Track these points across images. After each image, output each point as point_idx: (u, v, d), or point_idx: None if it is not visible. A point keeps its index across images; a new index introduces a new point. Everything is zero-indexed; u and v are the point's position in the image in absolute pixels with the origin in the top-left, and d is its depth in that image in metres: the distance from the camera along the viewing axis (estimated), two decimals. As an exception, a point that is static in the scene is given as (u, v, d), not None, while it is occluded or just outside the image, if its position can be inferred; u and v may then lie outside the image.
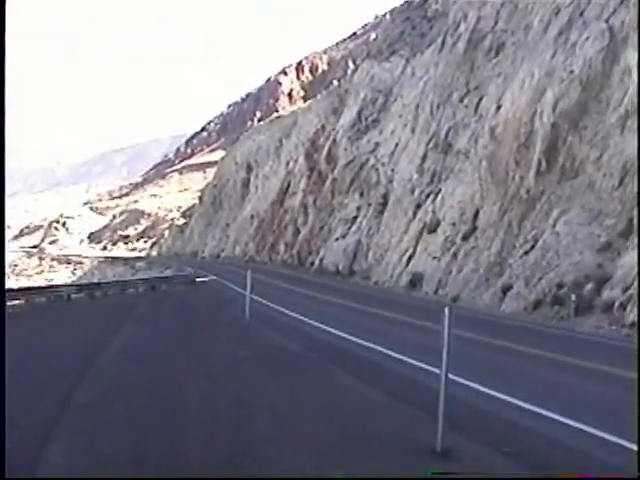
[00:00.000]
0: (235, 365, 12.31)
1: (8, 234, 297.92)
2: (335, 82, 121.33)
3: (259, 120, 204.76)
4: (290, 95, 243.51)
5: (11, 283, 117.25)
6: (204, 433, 7.37)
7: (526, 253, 27.11)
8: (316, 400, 9.32)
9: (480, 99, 39.07)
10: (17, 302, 28.76)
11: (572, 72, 28.82)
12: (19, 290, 39.29)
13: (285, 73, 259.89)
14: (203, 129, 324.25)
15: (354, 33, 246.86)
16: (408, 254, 38.76)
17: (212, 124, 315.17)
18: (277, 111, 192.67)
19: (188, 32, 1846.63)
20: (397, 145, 50.95)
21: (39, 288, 43.17)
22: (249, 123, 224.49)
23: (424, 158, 43.77)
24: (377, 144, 55.79)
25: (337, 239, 52.73)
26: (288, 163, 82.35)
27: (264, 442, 7.06)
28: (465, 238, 32.81)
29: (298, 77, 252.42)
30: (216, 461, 6.35)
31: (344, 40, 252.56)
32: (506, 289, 26.55)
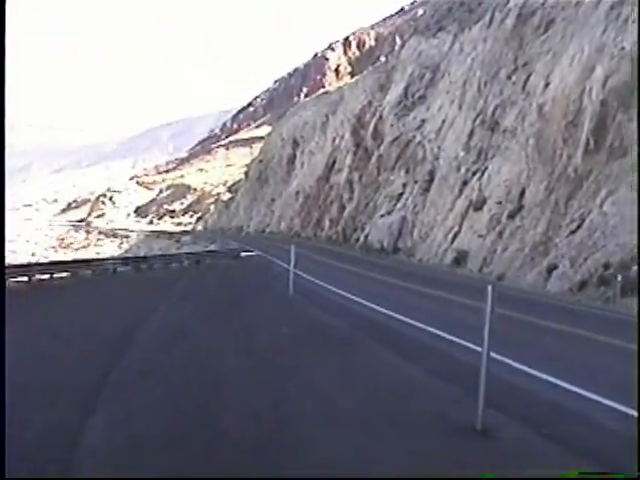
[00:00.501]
0: (277, 341, 12.35)
1: (55, 208, 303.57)
2: (382, 58, 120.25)
3: (305, 96, 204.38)
4: (337, 71, 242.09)
5: (58, 256, 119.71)
6: (243, 409, 7.45)
7: (572, 233, 26.73)
8: (357, 377, 9.36)
9: (528, 76, 38.38)
10: (64, 274, 29.79)
11: (623, 49, 28.09)
12: (65, 263, 40.37)
13: (332, 49, 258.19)
14: (249, 104, 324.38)
15: (402, 9, 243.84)
16: (453, 232, 38.52)
17: (258, 99, 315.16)
18: (324, 87, 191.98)
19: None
20: (444, 122, 50.40)
21: (85, 261, 44.12)
22: (295, 99, 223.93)
23: (471, 135, 43.26)
24: (423, 121, 55.25)
25: (382, 216, 52.57)
26: (334, 139, 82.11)
27: (303, 419, 7.10)
28: (511, 217, 32.46)
29: (345, 53, 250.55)
30: (253, 437, 6.39)
31: (392, 16, 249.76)
32: (551, 269, 26.25)
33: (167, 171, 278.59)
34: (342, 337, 12.96)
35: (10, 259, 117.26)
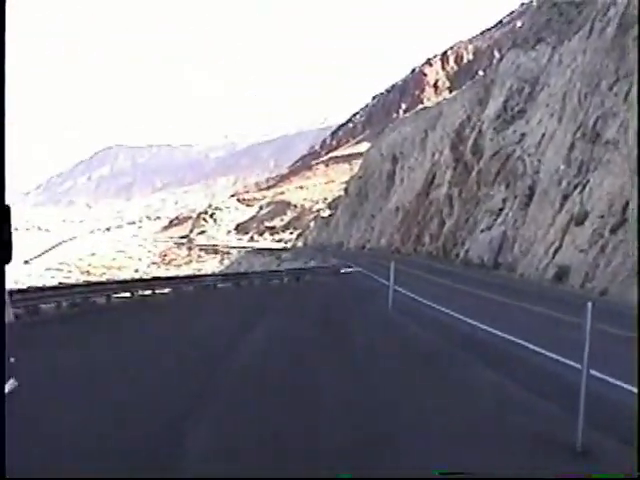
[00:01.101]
0: (374, 356, 12.52)
1: (158, 225, 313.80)
2: (480, 72, 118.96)
3: (404, 111, 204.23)
4: (435, 86, 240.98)
5: (160, 272, 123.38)
6: (340, 421, 7.73)
7: (679, 246, 25.92)
8: (455, 394, 9.48)
9: (630, 87, 37.42)
10: (165, 291, 30.72)
11: None
12: (167, 279, 41.75)
13: (430, 64, 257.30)
14: (349, 121, 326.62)
15: (500, 21, 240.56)
16: (554, 247, 37.85)
17: (357, 116, 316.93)
18: (422, 102, 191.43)
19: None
20: (544, 135, 49.60)
21: (187, 277, 45.54)
22: (394, 115, 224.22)
23: (571, 148, 42.42)
24: (523, 134, 54.51)
25: (482, 231, 52.10)
26: (433, 154, 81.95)
27: (400, 433, 7.30)
28: (613, 231, 31.67)
29: (443, 68, 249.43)
30: (350, 448, 6.63)
31: (489, 29, 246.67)
32: (657, 283, 25.52)
33: (267, 188, 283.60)
34: (440, 353, 13.12)
35: (112, 275, 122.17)
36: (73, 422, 7.50)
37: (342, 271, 45.51)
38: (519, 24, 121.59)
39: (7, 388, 4.68)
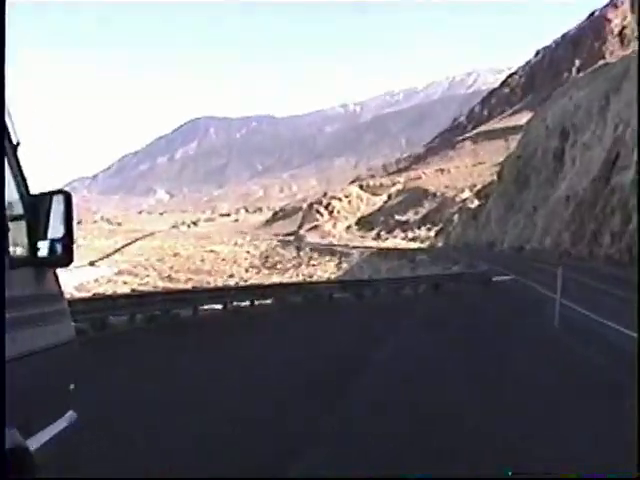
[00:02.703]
0: (532, 393, 12.40)
1: (258, 218, 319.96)
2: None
3: (578, 70, 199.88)
4: (621, 35, 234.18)
5: (261, 278, 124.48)
6: (477, 451, 8.28)
7: None
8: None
9: None
10: (267, 302, 31.33)
11: None
12: (268, 287, 42.22)
13: (615, 5, 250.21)
14: (504, 84, 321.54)
15: None
16: None
17: (515, 77, 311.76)
18: (603, 57, 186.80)
19: None
20: None
21: (294, 285, 46.04)
22: (564, 75, 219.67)
23: None
24: None
25: (682, 229, 50.22)
26: (617, 127, 79.54)
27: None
28: None
29: (632, 10, 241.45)
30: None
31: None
32: None
33: (398, 171, 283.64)
34: (618, 392, 12.47)
35: (200, 281, 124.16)
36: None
37: (494, 279, 45.50)
38: None
39: (64, 422, 4.81)
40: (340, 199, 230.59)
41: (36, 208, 4.43)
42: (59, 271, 4.86)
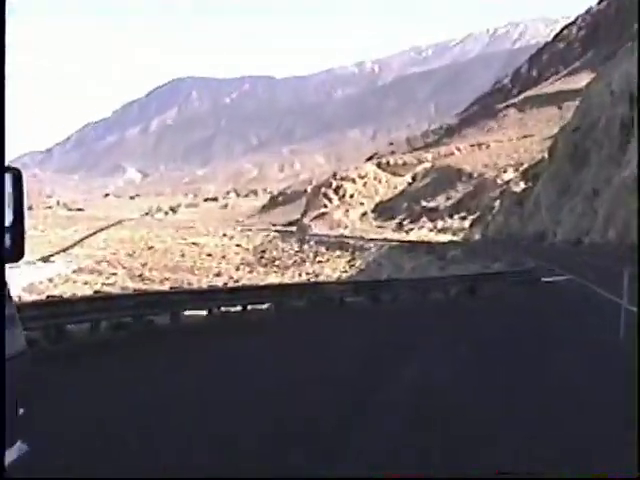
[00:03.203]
0: (587, 418, 11.71)
1: (252, 203, 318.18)
2: None
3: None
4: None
5: (256, 278, 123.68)
6: None
7: None
8: None
9: None
10: (262, 306, 30.62)
11: None
12: (263, 288, 42.25)
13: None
14: (557, 37, 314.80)
15: None
16: None
17: (572, 29, 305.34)
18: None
19: None
20: None
21: (296, 286, 46.39)
22: (634, 26, 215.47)
23: None
24: None
25: None
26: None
27: None
28: None
29: None
30: None
31: None
32: None
33: (426, 147, 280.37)
34: None
35: (180, 281, 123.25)
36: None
37: (544, 279, 44.92)
38: None
39: (11, 455, 4.75)
40: (353, 180, 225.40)
41: None
42: (6, 268, 4.96)
